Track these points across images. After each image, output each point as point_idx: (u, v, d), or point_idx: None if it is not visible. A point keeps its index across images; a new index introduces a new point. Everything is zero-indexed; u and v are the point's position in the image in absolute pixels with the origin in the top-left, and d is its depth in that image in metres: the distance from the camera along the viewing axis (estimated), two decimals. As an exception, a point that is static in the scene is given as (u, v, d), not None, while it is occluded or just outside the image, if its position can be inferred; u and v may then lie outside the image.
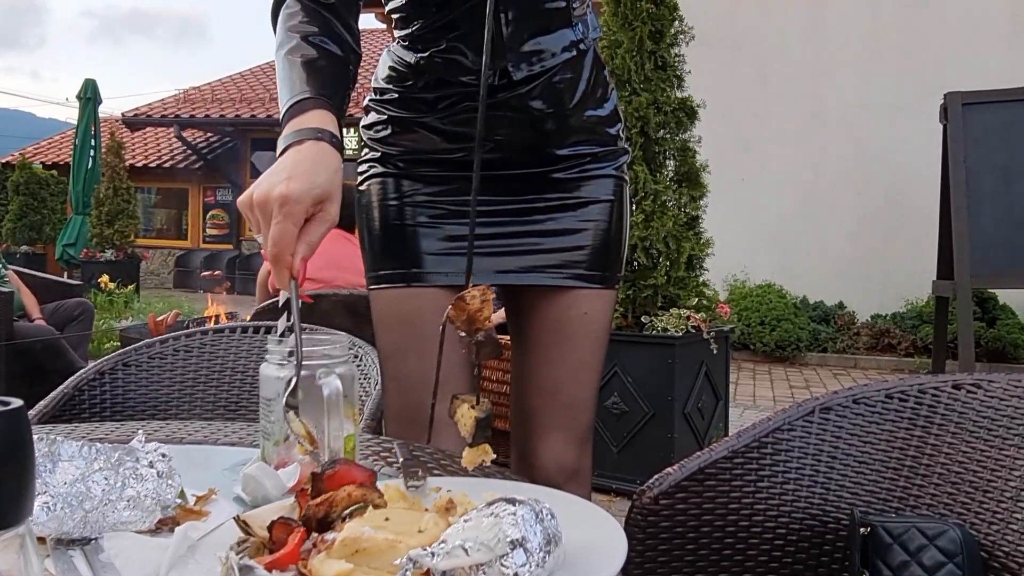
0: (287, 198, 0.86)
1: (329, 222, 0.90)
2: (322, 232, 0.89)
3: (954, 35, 7.63)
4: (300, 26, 1.06)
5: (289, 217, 0.85)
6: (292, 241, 0.86)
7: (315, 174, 0.89)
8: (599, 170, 1.27)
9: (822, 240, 7.98)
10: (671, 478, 0.95)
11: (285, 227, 0.85)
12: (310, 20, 1.07)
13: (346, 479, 0.64)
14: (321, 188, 0.89)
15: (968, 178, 4.80)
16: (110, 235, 11.62)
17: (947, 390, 0.96)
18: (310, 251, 0.87)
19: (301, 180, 0.88)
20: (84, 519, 0.63)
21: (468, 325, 0.76)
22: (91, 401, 1.37)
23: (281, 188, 0.86)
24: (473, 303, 0.75)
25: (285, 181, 0.87)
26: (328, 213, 0.90)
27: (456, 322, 0.76)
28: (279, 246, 0.85)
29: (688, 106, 3.78)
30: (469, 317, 0.75)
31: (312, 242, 0.88)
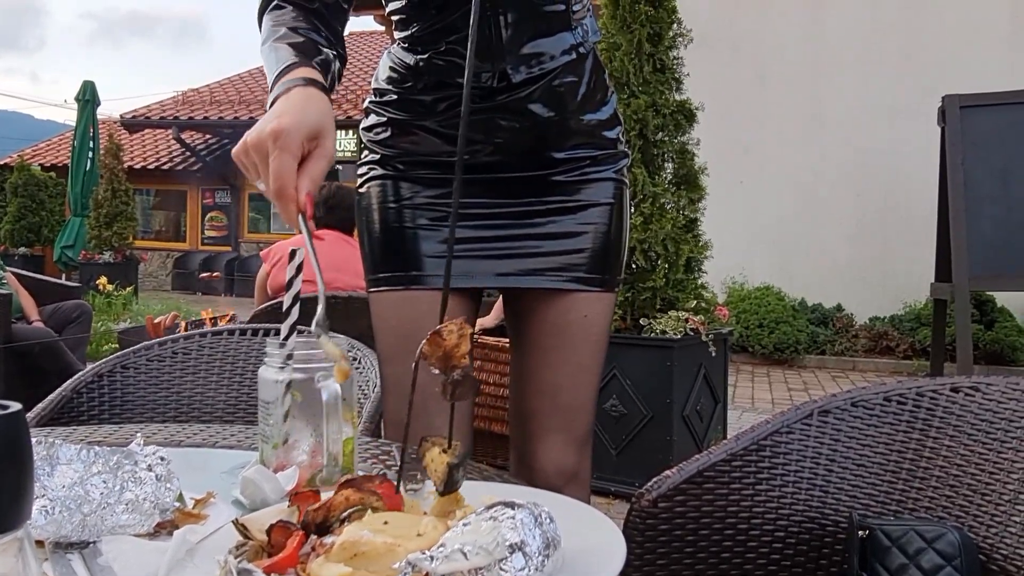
0: (279, 131, 0.87)
1: (327, 157, 0.91)
2: (322, 167, 0.90)
3: (953, 38, 7.64)
4: (286, 20, 1.08)
5: (285, 149, 0.86)
6: (292, 173, 0.87)
7: (305, 111, 0.91)
8: (599, 173, 1.26)
9: (820, 242, 7.99)
10: (669, 481, 0.95)
11: (283, 159, 0.86)
12: (296, 17, 1.09)
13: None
14: (312, 122, 0.90)
15: (966, 181, 4.81)
16: (108, 237, 11.62)
17: (945, 393, 0.96)
18: (313, 185, 0.88)
19: (292, 115, 0.89)
20: (82, 522, 0.63)
21: (444, 362, 0.70)
22: (89, 404, 1.37)
23: (273, 124, 0.87)
24: (450, 339, 0.69)
25: (276, 119, 0.88)
26: (325, 148, 0.90)
27: (431, 358, 0.69)
28: (281, 179, 0.86)
29: (687, 109, 3.79)
30: (445, 353, 0.70)
31: (314, 176, 0.88)
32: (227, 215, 15.87)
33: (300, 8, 1.10)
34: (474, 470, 0.91)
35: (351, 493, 0.64)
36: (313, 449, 0.78)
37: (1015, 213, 4.77)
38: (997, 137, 4.86)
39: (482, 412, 3.15)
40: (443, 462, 0.67)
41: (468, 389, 0.71)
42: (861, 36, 7.97)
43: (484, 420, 3.15)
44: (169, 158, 16.17)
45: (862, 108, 7.86)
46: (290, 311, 0.80)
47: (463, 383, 0.70)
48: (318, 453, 0.78)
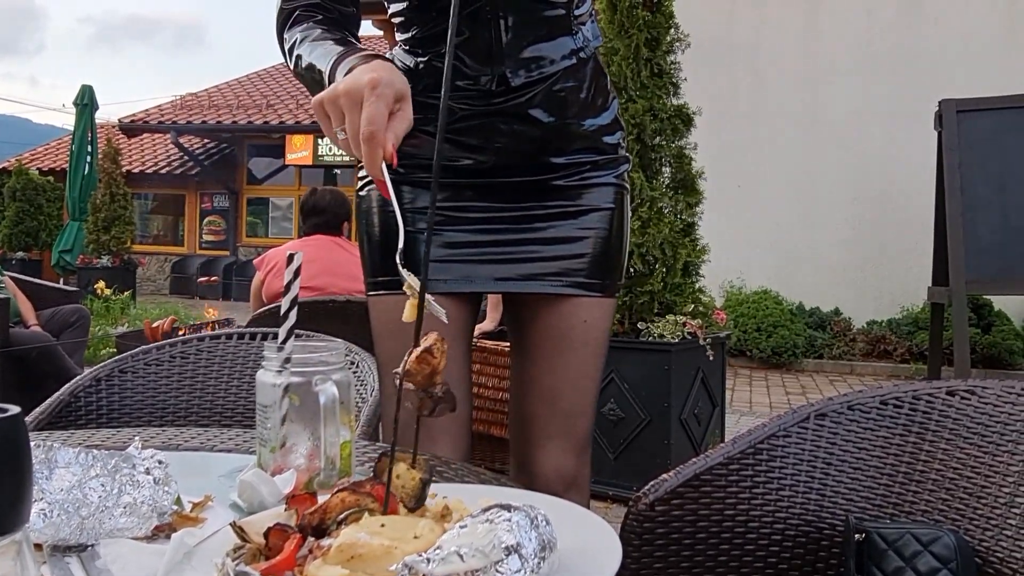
0: (377, 81, 0.89)
1: (408, 120, 0.93)
2: (405, 127, 0.92)
3: (948, 43, 7.67)
4: (313, 27, 1.12)
5: (382, 98, 0.89)
6: (385, 119, 0.89)
7: (394, 73, 0.94)
8: (599, 178, 1.26)
9: (818, 246, 8.00)
10: (667, 484, 0.95)
11: (378, 106, 0.88)
12: (322, 23, 1.13)
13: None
14: (400, 85, 0.92)
15: (963, 185, 4.82)
16: (106, 241, 11.62)
17: (941, 396, 0.97)
18: (397, 140, 0.90)
19: (385, 71, 0.92)
20: (81, 525, 0.63)
21: (428, 379, 0.68)
22: (87, 408, 1.37)
23: (370, 75, 0.90)
24: (438, 357, 0.68)
25: (371, 71, 0.91)
26: (406, 111, 0.93)
27: (417, 376, 0.67)
28: (374, 123, 0.88)
29: (684, 113, 3.80)
30: (432, 371, 0.67)
31: (398, 133, 0.91)
32: (225, 219, 15.87)
33: (323, 17, 1.14)
34: (471, 473, 0.91)
35: (347, 496, 0.64)
36: (311, 453, 0.78)
37: (1012, 217, 4.78)
38: (994, 141, 4.87)
39: (481, 415, 3.15)
40: (413, 477, 0.66)
41: (449, 406, 0.70)
42: (857, 41, 7.99)
43: (483, 423, 3.15)
44: (167, 162, 16.16)
45: (859, 113, 7.88)
46: (288, 315, 0.81)
47: (446, 399, 0.69)
48: (316, 457, 0.78)
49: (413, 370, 0.68)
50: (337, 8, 1.17)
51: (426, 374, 0.68)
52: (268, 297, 3.15)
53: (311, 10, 1.16)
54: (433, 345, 0.68)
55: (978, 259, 4.72)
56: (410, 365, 0.67)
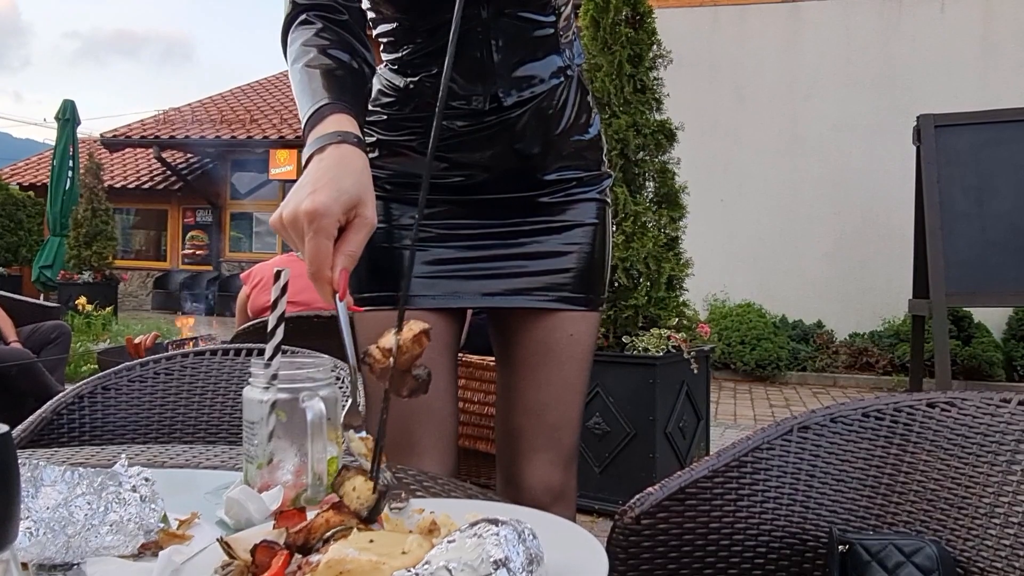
0: (314, 213, 0.83)
1: (367, 227, 0.87)
2: (360, 239, 0.86)
3: (926, 59, 7.79)
4: (316, 39, 1.06)
5: (320, 232, 0.83)
6: (328, 255, 0.84)
7: (340, 180, 0.87)
8: (584, 194, 1.28)
9: (800, 260, 8.07)
10: (652, 498, 0.95)
11: (318, 242, 0.83)
12: (326, 33, 1.07)
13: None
14: (349, 194, 0.86)
15: (942, 198, 4.88)
16: (88, 256, 11.51)
17: (922, 408, 0.98)
18: (351, 261, 0.85)
19: (327, 190, 0.85)
20: (67, 544, 0.63)
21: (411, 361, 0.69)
22: (70, 425, 1.36)
23: (307, 204, 0.84)
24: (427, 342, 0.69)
25: (311, 195, 0.84)
26: (364, 218, 0.87)
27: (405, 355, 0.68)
28: (315, 263, 0.84)
29: (667, 128, 3.83)
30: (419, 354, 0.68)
31: (351, 252, 0.85)
32: (208, 234, 15.79)
33: (329, 21, 1.08)
34: (458, 488, 0.91)
35: (331, 515, 0.64)
36: (298, 469, 0.78)
37: (990, 230, 4.84)
38: (971, 156, 4.94)
39: (467, 431, 3.14)
40: (368, 489, 0.65)
41: (422, 389, 0.70)
42: (837, 57, 8.10)
43: (469, 439, 3.14)
44: (150, 177, 16.07)
45: (839, 128, 7.98)
46: (275, 331, 0.81)
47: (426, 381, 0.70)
48: (303, 473, 0.78)
49: (405, 348, 0.68)
50: (346, 7, 1.11)
51: (414, 355, 0.69)
52: (253, 312, 3.13)
53: (319, 13, 1.09)
54: (423, 330, 0.69)
55: (958, 272, 4.78)
56: (404, 342, 0.68)
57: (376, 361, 0.71)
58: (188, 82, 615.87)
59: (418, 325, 0.71)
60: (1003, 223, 4.81)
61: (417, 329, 0.70)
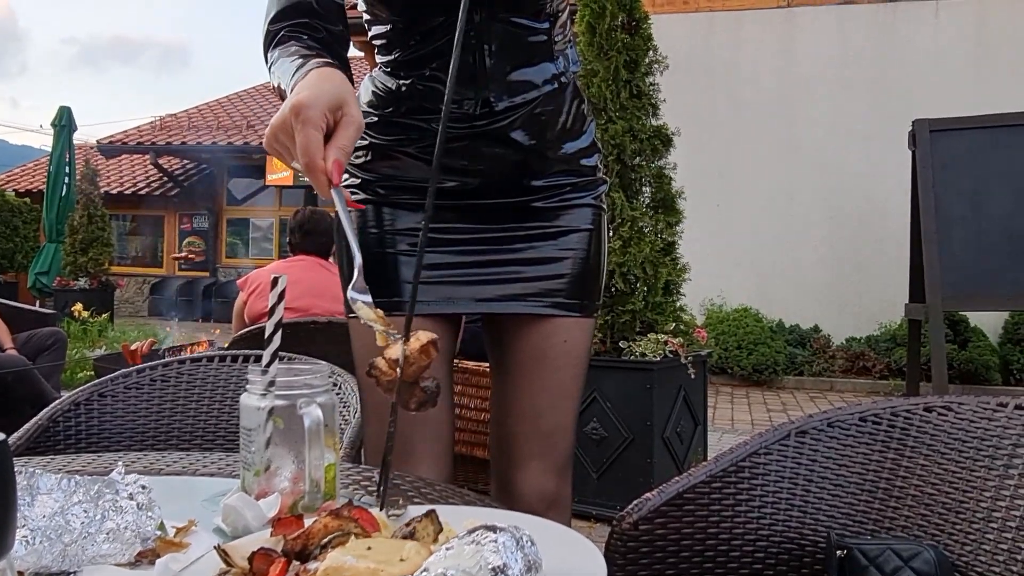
0: (299, 105, 0.87)
1: (355, 124, 0.90)
2: (351, 135, 0.90)
3: (921, 64, 7.82)
4: (294, 44, 1.10)
5: (308, 123, 0.87)
6: (319, 146, 0.87)
7: (321, 84, 0.91)
8: (578, 199, 1.28)
9: (797, 264, 8.08)
10: (650, 503, 0.95)
11: (307, 132, 0.87)
12: (304, 39, 1.11)
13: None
14: (330, 93, 0.90)
15: (937, 203, 4.90)
16: (84, 263, 11.49)
17: (919, 412, 0.98)
18: (343, 154, 0.88)
19: (309, 90, 0.90)
20: (63, 552, 0.63)
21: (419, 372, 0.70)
22: (66, 432, 1.35)
23: (292, 101, 0.88)
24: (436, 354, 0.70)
25: (295, 96, 0.89)
26: (350, 115, 0.90)
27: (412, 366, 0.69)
28: (307, 153, 0.86)
29: (663, 134, 3.84)
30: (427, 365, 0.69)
31: (343, 145, 0.89)
32: (205, 240, 15.77)
33: (309, 36, 1.12)
34: (456, 495, 0.91)
35: (329, 521, 0.64)
36: (295, 476, 0.78)
37: (985, 234, 4.86)
38: (966, 160, 4.96)
39: (464, 437, 3.14)
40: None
41: (431, 403, 0.71)
42: (832, 63, 8.13)
43: (466, 445, 3.14)
44: (146, 183, 16.06)
45: (834, 133, 8.00)
46: (272, 338, 0.81)
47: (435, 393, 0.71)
48: (300, 480, 0.78)
49: (412, 359, 0.69)
50: (325, 27, 1.14)
51: (421, 366, 0.70)
52: (250, 318, 3.13)
53: (297, 30, 1.12)
54: (430, 341, 0.70)
55: (954, 276, 4.79)
56: (411, 352, 0.69)
57: (383, 374, 0.71)
58: (185, 89, 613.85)
59: (426, 336, 0.71)
60: (999, 227, 4.83)
61: (425, 340, 0.71)
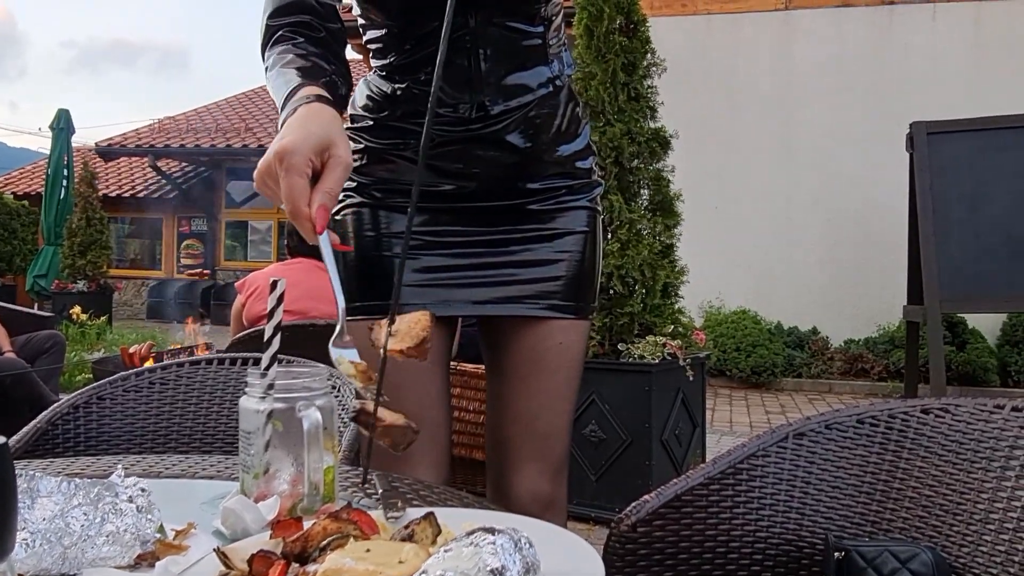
0: (283, 151, 0.87)
1: (342, 165, 0.90)
2: (338, 176, 0.89)
3: (918, 67, 7.83)
4: (290, 46, 1.09)
5: (292, 170, 0.86)
6: (302, 191, 0.86)
7: (308, 126, 0.90)
8: (573, 202, 1.28)
9: (795, 266, 8.08)
10: (648, 505, 0.95)
11: (291, 180, 0.86)
12: (301, 40, 1.10)
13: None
14: (317, 136, 0.89)
15: (935, 205, 4.90)
16: (82, 266, 11.48)
17: (916, 415, 0.98)
18: (328, 198, 0.87)
19: (295, 133, 0.89)
20: (63, 555, 0.63)
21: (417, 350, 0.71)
22: (65, 435, 1.35)
23: (276, 146, 0.88)
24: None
25: (279, 140, 0.88)
26: (338, 156, 0.90)
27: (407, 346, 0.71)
28: (291, 199, 0.86)
29: (661, 136, 3.84)
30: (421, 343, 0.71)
31: (330, 189, 0.88)
32: (203, 243, 15.75)
33: (307, 37, 1.11)
34: (454, 497, 0.91)
35: (328, 523, 0.64)
36: (294, 479, 0.78)
37: (983, 236, 4.87)
38: (964, 162, 4.97)
39: (462, 439, 3.14)
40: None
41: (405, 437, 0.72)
42: (829, 65, 8.14)
43: (464, 448, 3.14)
44: (145, 186, 16.05)
45: (832, 135, 8.01)
46: (271, 341, 0.81)
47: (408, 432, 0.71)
48: (299, 482, 0.78)
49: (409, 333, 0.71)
50: (323, 26, 1.13)
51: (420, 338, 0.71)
52: (249, 320, 3.13)
53: (295, 28, 1.11)
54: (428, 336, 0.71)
55: (951, 278, 4.79)
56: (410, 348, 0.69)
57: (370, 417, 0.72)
58: (184, 91, 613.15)
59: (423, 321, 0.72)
60: (996, 229, 4.84)
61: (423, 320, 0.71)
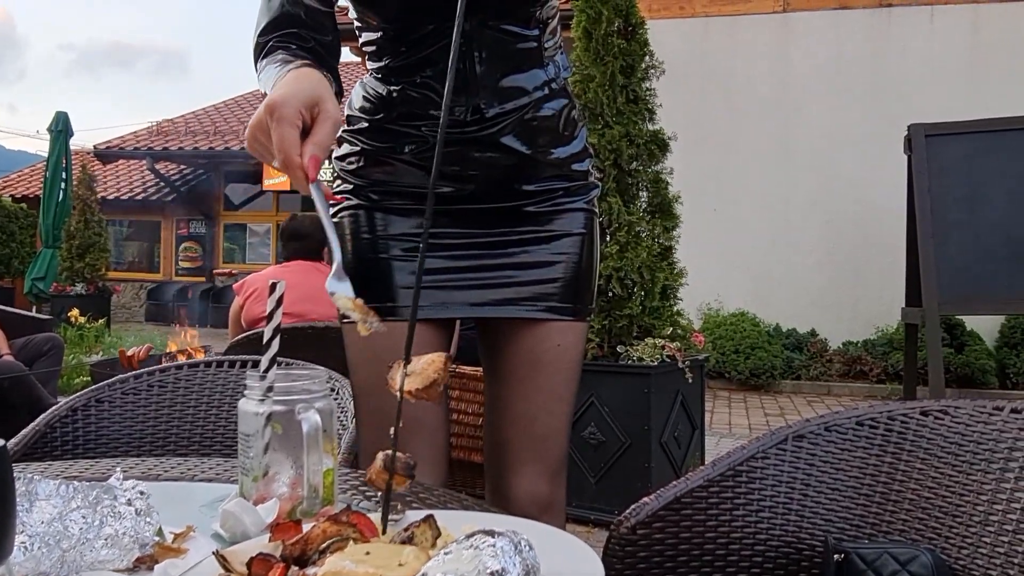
0: (273, 104, 0.88)
1: (332, 119, 0.91)
2: (327, 130, 0.90)
3: (916, 69, 7.84)
4: (285, 52, 1.09)
5: (282, 120, 0.88)
6: (294, 141, 0.88)
7: (297, 82, 0.93)
8: (570, 204, 1.28)
9: (793, 268, 8.09)
10: (648, 508, 0.95)
11: (282, 130, 0.88)
12: (296, 51, 1.10)
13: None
14: (306, 91, 0.91)
15: (933, 207, 4.91)
16: (81, 268, 11.47)
17: (915, 416, 0.98)
18: (320, 150, 0.89)
19: (284, 88, 0.91)
20: (62, 558, 0.63)
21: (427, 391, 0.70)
22: (64, 438, 1.35)
23: (269, 100, 0.89)
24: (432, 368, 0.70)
25: (271, 96, 0.90)
26: (327, 111, 0.91)
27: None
28: (283, 149, 0.87)
29: (660, 139, 3.85)
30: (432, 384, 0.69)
31: (320, 141, 0.89)
32: (202, 245, 15.74)
33: (298, 46, 1.11)
34: (454, 499, 0.91)
35: (328, 526, 0.64)
36: (293, 481, 0.78)
37: (982, 238, 4.87)
38: (962, 164, 4.98)
39: (461, 442, 3.13)
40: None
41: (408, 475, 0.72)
42: (828, 67, 8.15)
43: (463, 450, 3.14)
44: (143, 189, 16.03)
45: (830, 138, 8.02)
46: (270, 343, 0.81)
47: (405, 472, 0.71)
48: (298, 485, 0.78)
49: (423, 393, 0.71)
50: (313, 37, 1.12)
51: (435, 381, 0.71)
52: (247, 323, 3.13)
53: (285, 40, 1.11)
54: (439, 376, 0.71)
55: (950, 280, 4.80)
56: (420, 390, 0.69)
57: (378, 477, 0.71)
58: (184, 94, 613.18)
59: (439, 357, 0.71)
60: (994, 231, 4.84)
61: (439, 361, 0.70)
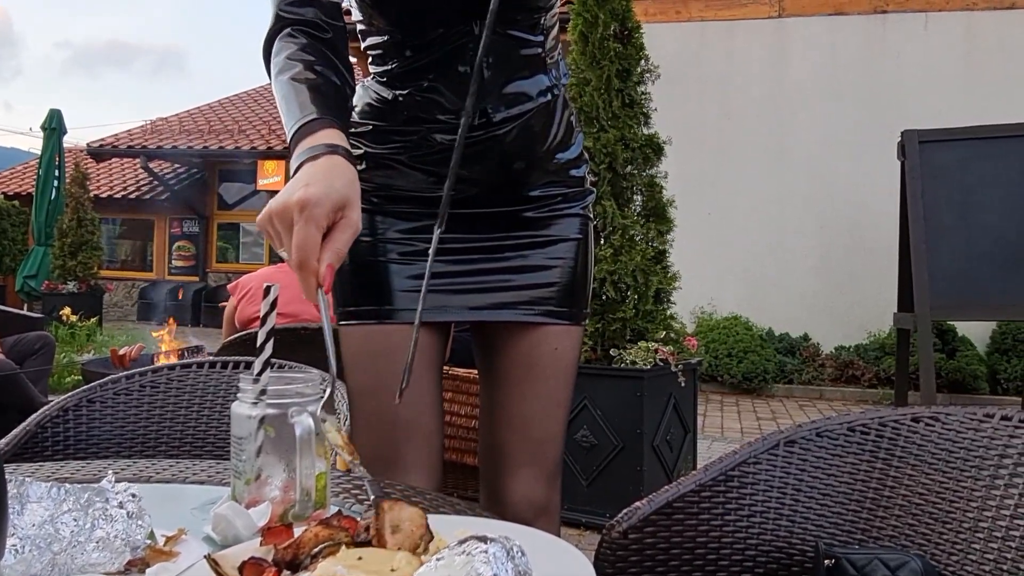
0: (306, 202, 0.85)
1: (353, 228, 0.89)
2: (347, 239, 0.88)
3: (911, 75, 7.88)
4: (300, 54, 1.07)
5: (311, 220, 0.84)
6: (316, 245, 0.85)
7: (332, 180, 0.89)
8: (568, 209, 1.29)
9: (787, 273, 8.11)
10: (640, 512, 0.96)
11: (308, 231, 0.84)
12: (310, 50, 1.08)
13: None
14: (339, 193, 0.88)
15: (926, 213, 4.93)
16: (73, 267, 11.43)
17: (906, 423, 0.99)
18: (337, 258, 0.86)
19: (319, 186, 0.87)
20: (52, 561, 0.63)
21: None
22: (54, 439, 1.34)
23: (300, 194, 0.86)
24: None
25: (303, 188, 0.86)
26: (350, 219, 0.88)
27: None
28: (304, 250, 0.84)
29: (655, 143, 3.85)
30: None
31: (339, 249, 0.86)
32: (195, 244, 15.70)
33: (313, 38, 1.09)
34: (446, 503, 0.91)
35: (320, 530, 0.64)
36: (286, 485, 0.78)
37: (974, 244, 4.89)
38: (955, 171, 4.99)
39: (453, 444, 3.13)
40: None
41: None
42: (823, 73, 8.18)
43: (456, 452, 3.14)
44: (136, 187, 15.98)
45: (825, 143, 8.04)
46: (264, 346, 0.81)
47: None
48: (291, 489, 0.78)
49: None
50: (329, 24, 1.11)
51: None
52: (241, 323, 3.12)
53: (304, 28, 1.09)
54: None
55: (942, 285, 4.81)
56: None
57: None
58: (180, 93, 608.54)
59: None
60: (987, 237, 4.86)
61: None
